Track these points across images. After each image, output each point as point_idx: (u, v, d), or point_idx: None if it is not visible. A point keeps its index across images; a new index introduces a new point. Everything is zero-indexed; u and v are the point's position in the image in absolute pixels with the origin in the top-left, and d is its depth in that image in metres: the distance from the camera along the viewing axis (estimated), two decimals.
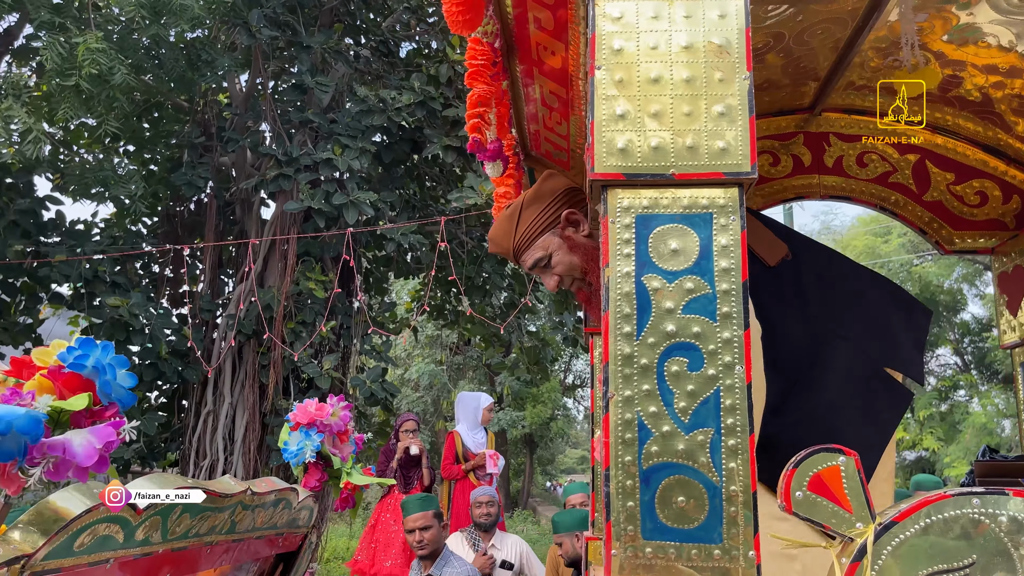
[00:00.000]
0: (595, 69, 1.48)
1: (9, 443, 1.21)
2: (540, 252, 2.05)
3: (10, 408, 1.21)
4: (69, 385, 1.33)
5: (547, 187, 2.14)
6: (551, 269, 2.06)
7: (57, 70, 4.90)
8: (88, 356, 1.35)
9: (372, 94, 7.14)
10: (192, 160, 7.84)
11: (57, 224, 7.41)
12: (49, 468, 1.26)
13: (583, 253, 2.03)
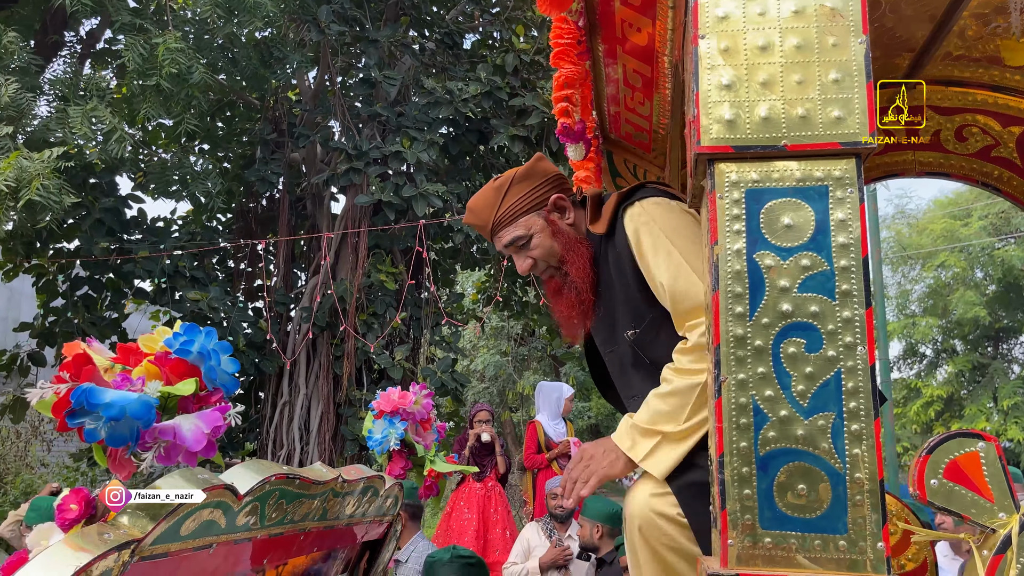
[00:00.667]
0: (698, 38, 1.41)
1: (122, 428, 1.22)
2: (521, 231, 1.98)
3: (122, 393, 1.22)
4: (176, 371, 1.34)
5: (540, 168, 2.05)
6: (528, 250, 2.00)
7: (138, 71, 5.03)
8: (193, 342, 1.35)
9: (439, 86, 7.15)
10: (265, 156, 7.99)
11: (139, 221, 7.65)
12: (160, 453, 1.26)
13: (564, 241, 1.98)
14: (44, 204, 4.33)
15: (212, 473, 1.69)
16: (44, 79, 5.61)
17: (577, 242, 1.97)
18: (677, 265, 1.75)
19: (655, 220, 1.82)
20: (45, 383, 1.25)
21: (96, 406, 1.19)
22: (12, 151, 4.65)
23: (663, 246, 1.78)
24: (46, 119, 5.15)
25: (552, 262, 1.99)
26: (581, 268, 1.94)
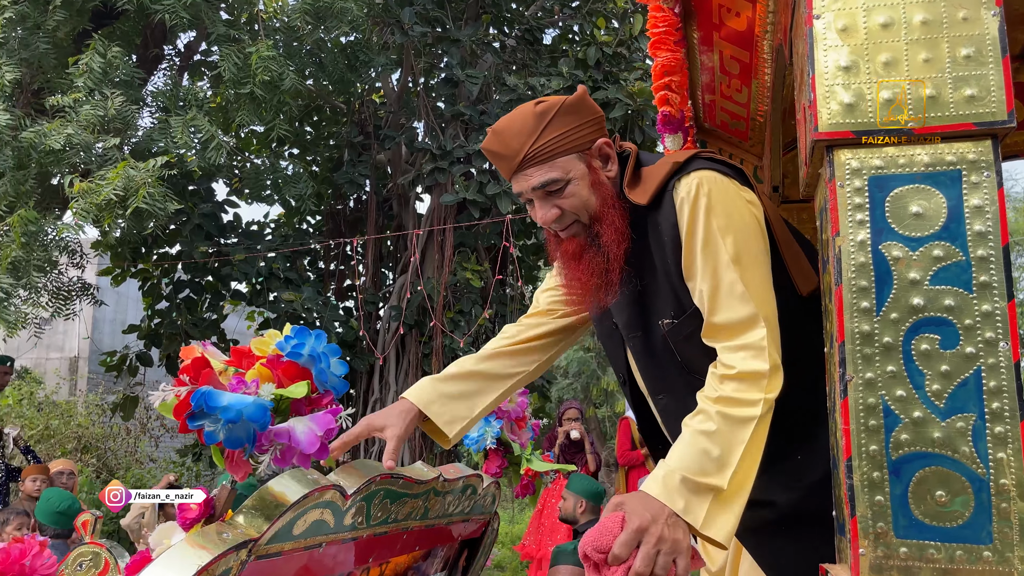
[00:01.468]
0: (812, 18, 1.34)
1: (239, 431, 1.24)
2: (557, 173, 1.61)
3: (239, 396, 1.24)
4: (288, 373, 1.35)
5: (589, 103, 1.69)
6: (559, 197, 1.63)
7: (233, 79, 5.18)
8: (304, 345, 1.37)
9: (521, 83, 7.14)
10: (352, 159, 8.15)
11: (235, 226, 7.92)
12: (276, 455, 1.28)
13: (603, 196, 1.65)
14: (150, 211, 4.52)
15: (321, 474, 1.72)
16: (146, 91, 5.85)
17: (617, 199, 1.65)
18: (724, 269, 1.51)
19: (712, 208, 1.54)
20: (166, 386, 1.28)
21: (214, 409, 1.21)
22: (119, 161, 4.87)
23: (714, 243, 1.53)
24: (149, 130, 5.38)
25: (582, 218, 1.65)
26: (617, 232, 1.62)
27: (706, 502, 1.36)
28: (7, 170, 5.03)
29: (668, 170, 1.60)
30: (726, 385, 1.44)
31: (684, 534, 1.34)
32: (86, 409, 10.41)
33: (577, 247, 1.67)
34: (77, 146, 4.73)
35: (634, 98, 6.68)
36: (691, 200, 1.54)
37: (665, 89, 2.04)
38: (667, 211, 1.58)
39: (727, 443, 1.38)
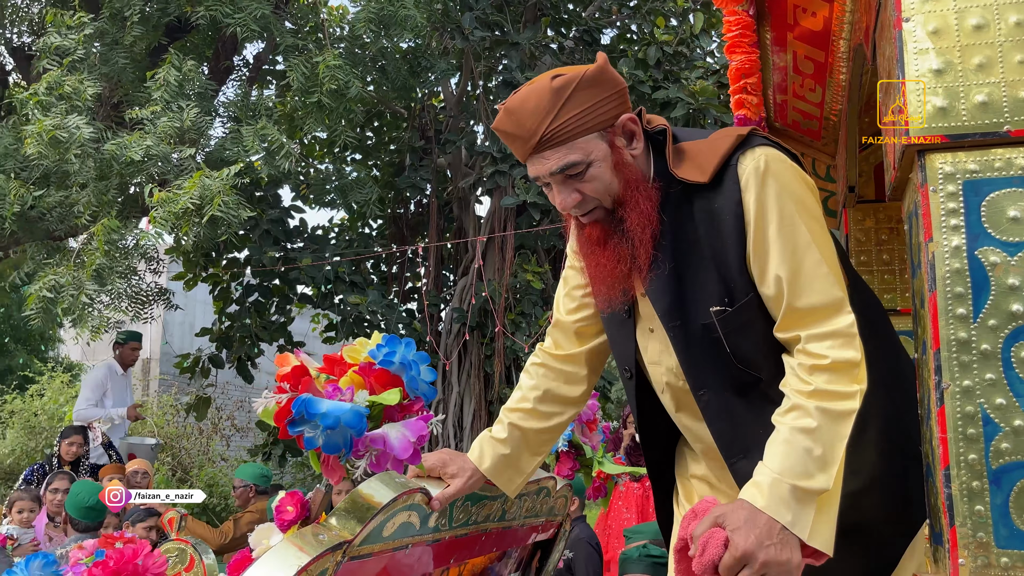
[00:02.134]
0: (902, 21, 1.32)
1: (336, 437, 1.29)
2: (577, 155, 1.46)
3: (337, 404, 1.29)
4: (380, 380, 1.40)
5: (610, 74, 1.51)
6: (580, 182, 1.49)
7: (301, 88, 5.31)
8: (395, 353, 1.41)
9: None
10: (414, 163, 8.27)
11: (301, 231, 8.11)
12: (372, 460, 1.32)
13: (627, 178, 1.50)
14: (224, 219, 4.66)
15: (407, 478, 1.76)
16: (218, 102, 6.04)
17: (643, 181, 1.52)
18: (805, 250, 1.40)
19: (785, 187, 1.43)
20: (268, 393, 1.34)
21: (314, 415, 1.26)
22: (194, 171, 5.04)
23: (791, 223, 1.41)
24: (222, 139, 5.55)
25: (605, 202, 1.52)
26: (643, 215, 1.50)
27: (812, 510, 1.29)
28: (89, 181, 5.25)
29: (730, 144, 1.48)
30: (817, 377, 1.35)
31: (793, 550, 1.26)
32: (160, 409, 10.78)
33: (600, 232, 1.54)
34: (155, 157, 4.91)
35: (696, 97, 6.62)
36: (759, 177, 1.43)
37: (742, 92, 2.03)
38: (729, 189, 1.45)
39: (829, 440, 1.31)
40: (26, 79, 7.06)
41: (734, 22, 2.04)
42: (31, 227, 5.42)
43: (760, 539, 1.24)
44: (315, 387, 1.34)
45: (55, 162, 4.97)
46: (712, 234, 1.48)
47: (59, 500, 4.60)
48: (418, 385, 1.42)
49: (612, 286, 1.55)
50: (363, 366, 1.42)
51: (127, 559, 1.42)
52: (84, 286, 4.91)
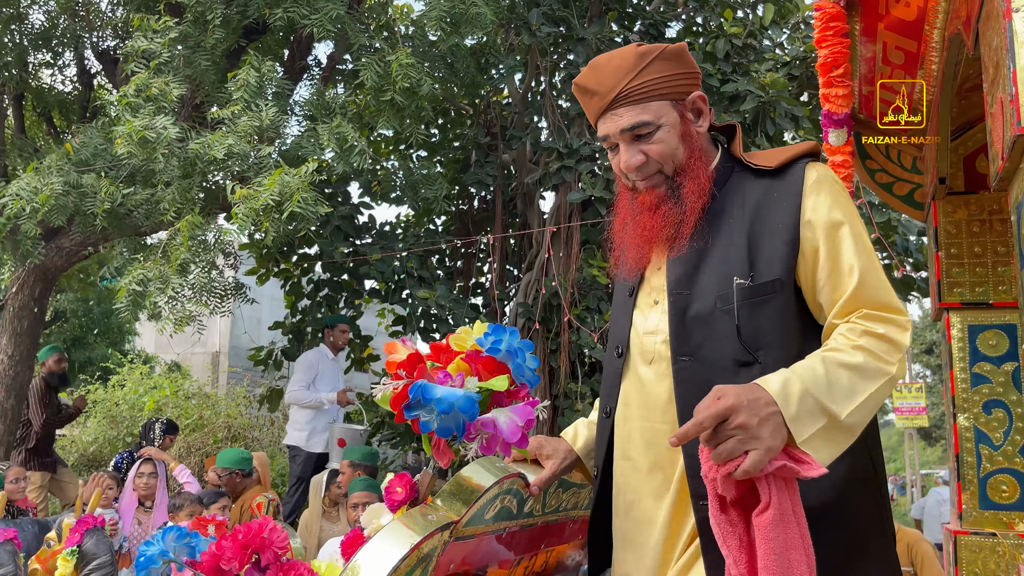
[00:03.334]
0: (1011, 11, 1.32)
1: (449, 421, 1.35)
2: (649, 116, 1.58)
3: (450, 390, 1.35)
4: (487, 367, 1.45)
5: (689, 57, 1.66)
6: (647, 142, 1.59)
7: (375, 87, 5.43)
8: (502, 341, 1.46)
9: None
10: (479, 160, 8.36)
11: (369, 227, 8.28)
12: (483, 443, 1.38)
13: (692, 147, 1.62)
14: (303, 214, 4.80)
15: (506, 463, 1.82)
16: (293, 101, 6.21)
17: (704, 155, 1.64)
18: (869, 255, 1.51)
19: (850, 204, 1.56)
20: (386, 380, 1.41)
21: (430, 400, 1.32)
22: (272, 168, 5.20)
23: (856, 228, 1.52)
24: (298, 137, 5.71)
25: (666, 168, 1.61)
26: (700, 186, 1.60)
27: (819, 422, 1.31)
28: (174, 179, 5.46)
29: (804, 148, 1.62)
30: (866, 339, 1.42)
31: (775, 435, 1.25)
32: (233, 400, 11.12)
33: (655, 199, 1.63)
34: (236, 155, 5.08)
35: (766, 90, 6.54)
36: (830, 183, 1.55)
37: (830, 86, 2.03)
38: (793, 179, 1.56)
39: (859, 381, 1.37)
40: (111, 82, 7.37)
41: (825, 14, 2.03)
42: (119, 223, 5.66)
43: (749, 405, 1.25)
44: (430, 375, 1.40)
45: (142, 161, 5.19)
46: (759, 211, 1.56)
47: (146, 483, 4.80)
48: (523, 372, 1.47)
49: (645, 250, 1.65)
50: (470, 353, 1.48)
51: (255, 533, 1.51)
52: (171, 280, 5.11)
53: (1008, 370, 2.35)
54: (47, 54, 7.24)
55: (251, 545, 1.49)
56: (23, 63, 6.91)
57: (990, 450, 2.33)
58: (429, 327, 7.79)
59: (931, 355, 30.34)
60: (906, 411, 17.37)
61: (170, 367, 15.28)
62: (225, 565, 1.50)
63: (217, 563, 1.51)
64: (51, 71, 7.76)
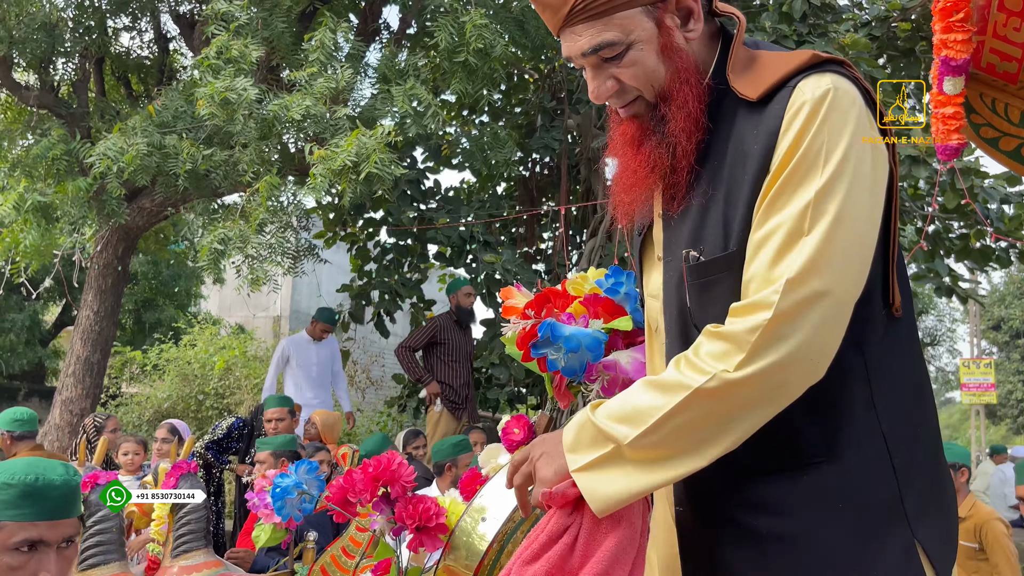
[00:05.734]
0: None
1: (575, 360, 1.37)
2: (614, 33, 1.21)
3: (579, 328, 1.37)
4: (606, 310, 1.46)
5: None
6: (618, 64, 1.24)
7: (449, 48, 5.43)
8: (621, 284, 1.47)
9: None
10: (545, 124, 8.31)
11: (435, 192, 8.34)
12: (604, 384, 1.39)
13: (677, 66, 1.24)
14: (380, 175, 4.85)
15: None
16: (365, 63, 6.25)
17: (695, 73, 1.25)
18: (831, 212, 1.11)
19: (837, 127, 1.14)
20: (516, 320, 1.43)
21: (559, 338, 1.34)
22: (347, 130, 5.26)
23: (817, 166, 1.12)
24: (371, 99, 5.76)
25: (647, 94, 1.27)
26: (690, 118, 1.24)
27: (599, 450, 1.15)
28: (251, 140, 5.56)
29: (799, 62, 1.20)
30: (700, 343, 1.16)
31: (552, 463, 1.19)
32: None
33: (637, 131, 1.29)
34: (314, 116, 5.14)
35: (846, 51, 6.34)
36: (813, 104, 1.14)
37: (951, 30, 1.96)
38: (773, 113, 1.17)
39: (653, 402, 1.12)
40: (188, 45, 7.52)
41: None
42: (199, 184, 5.80)
43: (545, 441, 1.22)
44: (558, 315, 1.42)
45: (223, 122, 5.29)
46: (735, 164, 1.21)
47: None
48: (640, 316, 1.47)
49: (636, 197, 1.32)
50: (589, 297, 1.49)
51: (384, 466, 1.56)
52: (250, 239, 5.24)
53: None
54: (126, 18, 7.40)
55: (381, 478, 1.53)
56: (103, 27, 7.08)
57: None
58: (493, 292, 7.83)
59: (998, 331, 29.42)
60: (973, 387, 16.91)
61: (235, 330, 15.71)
62: (353, 497, 1.55)
63: (345, 495, 1.56)
64: (130, 35, 7.95)
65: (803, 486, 1.16)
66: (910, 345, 1.27)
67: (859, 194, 1.12)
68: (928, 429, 1.25)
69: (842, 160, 1.11)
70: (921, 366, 1.28)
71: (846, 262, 1.11)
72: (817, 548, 1.14)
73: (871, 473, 1.16)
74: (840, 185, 1.11)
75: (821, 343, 1.10)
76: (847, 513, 1.14)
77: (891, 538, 1.13)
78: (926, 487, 1.20)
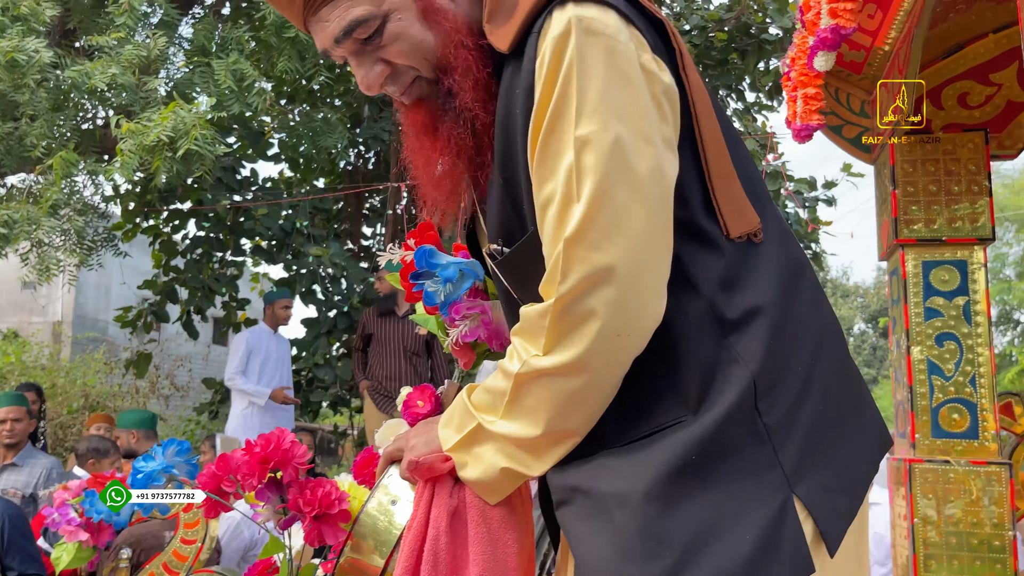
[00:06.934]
0: None
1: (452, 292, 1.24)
2: (364, 7, 1.05)
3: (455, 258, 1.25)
4: None
5: None
6: (380, 43, 1.08)
7: (276, 23, 5.06)
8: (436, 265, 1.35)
9: None
10: (373, 114, 8.03)
11: (251, 181, 7.80)
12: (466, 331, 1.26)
13: (447, 31, 1.08)
14: (200, 154, 4.41)
15: None
16: (179, 35, 5.70)
17: (469, 34, 1.08)
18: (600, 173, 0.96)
19: (587, 65, 0.96)
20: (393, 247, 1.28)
21: (435, 266, 1.20)
22: (159, 104, 4.75)
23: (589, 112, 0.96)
24: (188, 73, 5.24)
25: (424, 70, 1.10)
26: (478, 82, 1.08)
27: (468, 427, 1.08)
28: (41, 112, 4.88)
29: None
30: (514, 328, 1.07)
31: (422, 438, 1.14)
32: (89, 367, 10.25)
33: (427, 115, 1.12)
34: (121, 87, 4.59)
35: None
36: (553, 47, 0.97)
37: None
38: (526, 67, 1.01)
39: (498, 385, 1.06)
40: None
41: None
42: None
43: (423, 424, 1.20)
44: (441, 244, 1.27)
45: (8, 89, 4.60)
46: (506, 131, 1.06)
47: None
48: None
49: (447, 190, 1.14)
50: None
51: (275, 445, 1.29)
52: (41, 222, 4.58)
53: (959, 304, 2.45)
54: None
55: (272, 459, 1.27)
56: None
57: (942, 381, 2.42)
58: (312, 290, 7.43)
59: None
60: None
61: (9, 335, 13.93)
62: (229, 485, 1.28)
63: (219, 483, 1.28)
64: None
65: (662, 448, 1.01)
66: (781, 270, 1.08)
67: (629, 139, 0.96)
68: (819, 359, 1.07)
69: (598, 104, 0.96)
70: (806, 291, 1.10)
71: (624, 223, 0.96)
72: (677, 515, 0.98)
73: (736, 431, 1.00)
74: (603, 135, 0.96)
75: (624, 317, 0.97)
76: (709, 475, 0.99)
77: (760, 498, 0.99)
78: (813, 434, 1.04)
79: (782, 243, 1.11)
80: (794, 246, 1.15)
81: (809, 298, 1.11)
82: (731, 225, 1.06)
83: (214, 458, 3.10)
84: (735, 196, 1.07)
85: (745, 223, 1.07)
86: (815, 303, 1.12)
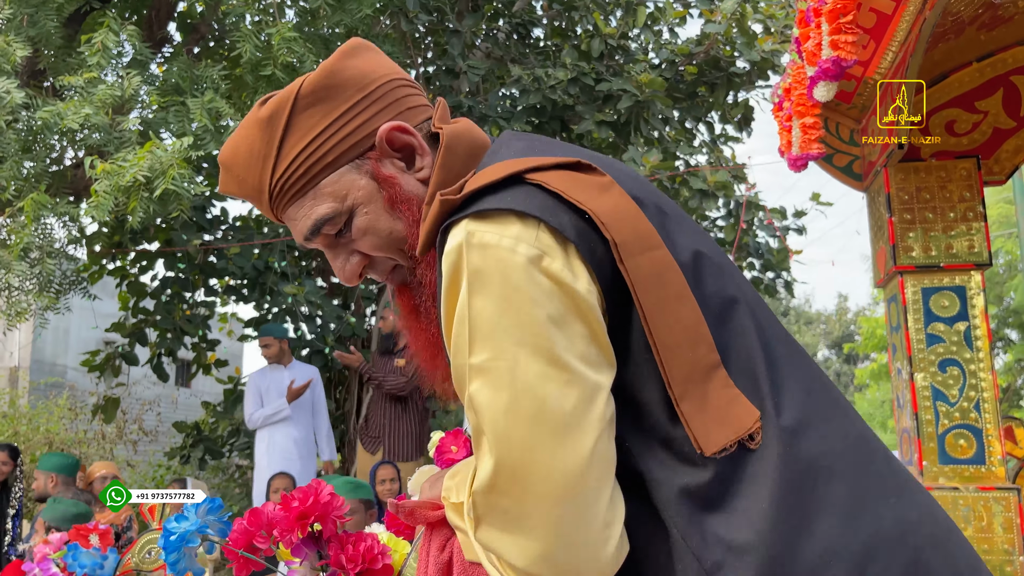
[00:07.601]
0: None
1: None
2: (328, 205, 1.03)
3: None
4: None
5: (350, 73, 1.05)
6: (349, 238, 1.06)
7: (252, 61, 5.03)
8: None
9: (526, 74, 7.11)
10: None
11: (222, 220, 7.69)
12: None
13: (411, 216, 1.05)
14: (177, 194, 4.33)
15: None
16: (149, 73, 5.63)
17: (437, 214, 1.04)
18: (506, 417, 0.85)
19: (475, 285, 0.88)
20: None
21: None
22: (134, 143, 4.67)
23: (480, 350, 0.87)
24: (161, 111, 5.17)
25: (399, 258, 1.07)
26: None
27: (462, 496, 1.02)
28: (9, 154, 4.77)
29: (446, 207, 0.95)
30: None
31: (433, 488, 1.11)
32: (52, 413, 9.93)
33: (410, 300, 1.10)
34: (95, 127, 4.51)
35: (642, 89, 6.71)
36: (448, 266, 0.91)
37: (841, 31, 2.02)
38: (439, 263, 0.96)
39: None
40: None
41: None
42: None
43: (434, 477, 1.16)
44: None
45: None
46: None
47: None
48: None
49: (440, 366, 1.09)
50: None
51: (314, 499, 1.22)
52: (12, 266, 4.44)
53: (960, 329, 2.47)
54: None
55: (310, 513, 1.19)
56: None
57: (947, 407, 2.42)
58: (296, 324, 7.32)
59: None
60: None
61: None
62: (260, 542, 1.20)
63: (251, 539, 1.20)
64: None
65: None
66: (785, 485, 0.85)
67: (531, 364, 0.85)
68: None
69: (493, 328, 0.86)
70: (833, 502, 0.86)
71: (532, 474, 0.83)
72: None
73: None
74: (497, 363, 0.86)
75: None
76: None
77: None
78: None
79: (795, 436, 0.87)
80: (823, 429, 0.90)
81: (840, 510, 0.85)
82: (706, 440, 0.86)
83: None
84: (714, 398, 0.87)
85: (730, 429, 0.86)
86: (852, 515, 0.85)
